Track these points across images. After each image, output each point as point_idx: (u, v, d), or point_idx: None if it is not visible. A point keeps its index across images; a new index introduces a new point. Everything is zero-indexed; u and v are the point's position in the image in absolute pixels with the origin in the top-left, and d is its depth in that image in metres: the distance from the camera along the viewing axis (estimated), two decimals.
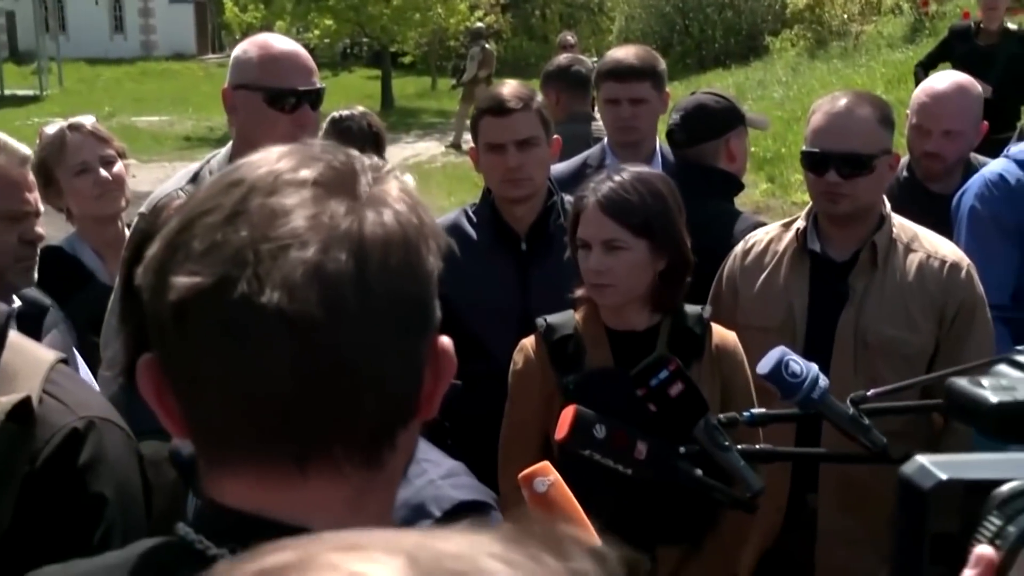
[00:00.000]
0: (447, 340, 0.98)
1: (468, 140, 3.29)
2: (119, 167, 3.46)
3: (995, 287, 3.16)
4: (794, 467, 2.91)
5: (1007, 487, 0.95)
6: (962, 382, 1.00)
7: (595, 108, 4.72)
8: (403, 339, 0.92)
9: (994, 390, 0.98)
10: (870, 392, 2.06)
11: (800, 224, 3.00)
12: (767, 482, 2.57)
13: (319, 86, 3.03)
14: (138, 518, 1.73)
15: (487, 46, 19.47)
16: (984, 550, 0.92)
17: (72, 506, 1.66)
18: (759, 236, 3.09)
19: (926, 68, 8.64)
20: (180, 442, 1.47)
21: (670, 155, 3.78)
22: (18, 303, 2.51)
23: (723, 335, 2.65)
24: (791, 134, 12.84)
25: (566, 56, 5.93)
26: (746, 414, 2.08)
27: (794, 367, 2.03)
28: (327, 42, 30.13)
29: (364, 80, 32.24)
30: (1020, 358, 1.04)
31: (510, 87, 3.17)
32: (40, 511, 1.63)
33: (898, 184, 3.75)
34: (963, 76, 3.92)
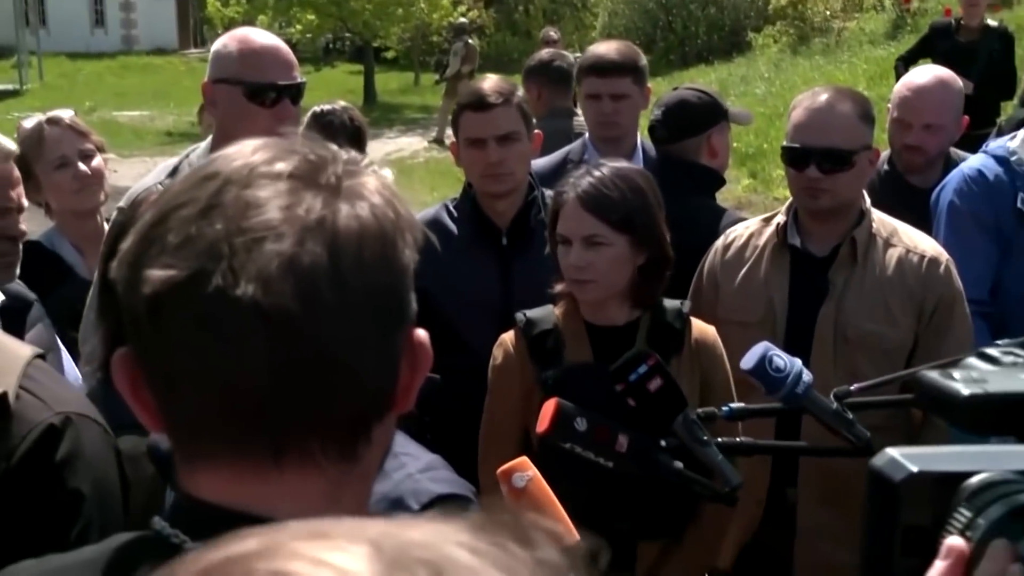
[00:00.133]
0: (423, 333, 0.98)
1: (451, 135, 3.29)
2: (98, 161, 3.44)
3: (973, 282, 3.17)
4: (774, 461, 2.92)
5: (976, 479, 0.95)
6: (933, 375, 1.01)
7: (576, 103, 4.71)
8: (379, 332, 0.92)
9: (965, 383, 0.98)
10: (853, 387, 2.06)
11: (780, 219, 3.00)
12: (746, 476, 2.57)
13: (300, 80, 3.02)
14: (116, 514, 1.72)
15: (470, 41, 19.44)
16: (955, 541, 0.93)
17: (49, 503, 1.65)
18: (739, 231, 3.10)
19: (907, 63, 8.66)
20: (158, 437, 1.47)
21: (652, 150, 3.78)
22: (1, 298, 2.50)
23: (703, 330, 2.66)
24: (773, 130, 12.84)
25: (548, 51, 5.91)
26: (724, 409, 2.09)
27: (778, 362, 2.04)
28: (309, 37, 30.00)
29: (347, 75, 32.14)
30: (990, 351, 1.05)
31: (491, 82, 3.16)
32: (17, 508, 1.62)
33: (879, 177, 3.76)
34: (944, 70, 3.93)
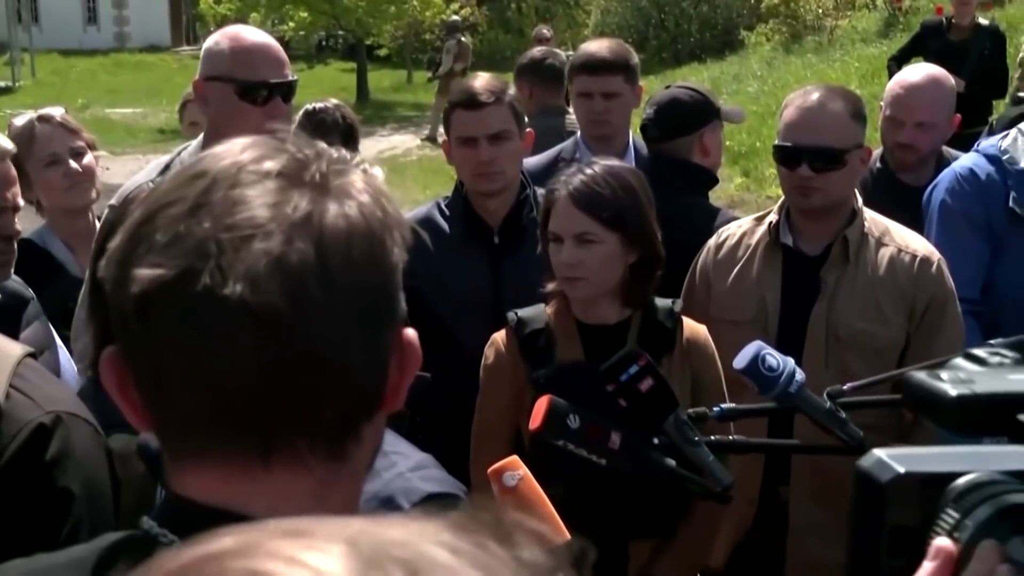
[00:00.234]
0: (412, 332, 0.98)
1: (444, 133, 3.29)
2: (89, 159, 3.44)
3: (965, 281, 3.18)
4: (766, 459, 2.92)
5: (963, 480, 0.95)
6: (921, 376, 1.01)
7: (569, 102, 4.71)
8: (367, 330, 0.92)
9: (953, 383, 0.98)
10: (846, 386, 2.06)
11: (772, 218, 3.00)
12: (739, 474, 2.57)
13: (291, 78, 3.02)
14: (106, 513, 1.72)
15: (463, 39, 19.42)
16: (943, 542, 0.92)
17: (39, 502, 1.65)
18: (732, 230, 3.10)
19: (899, 62, 8.67)
20: (148, 436, 1.47)
21: (644, 149, 3.78)
22: None
23: (694, 329, 2.66)
24: (766, 128, 12.85)
25: (540, 49, 5.91)
26: (715, 409, 2.08)
27: (771, 361, 2.03)
28: (302, 34, 29.98)
29: (339, 73, 32.11)
30: (977, 352, 1.05)
31: (482, 80, 3.16)
32: (6, 507, 1.62)
33: (871, 176, 3.77)
34: (937, 68, 3.93)
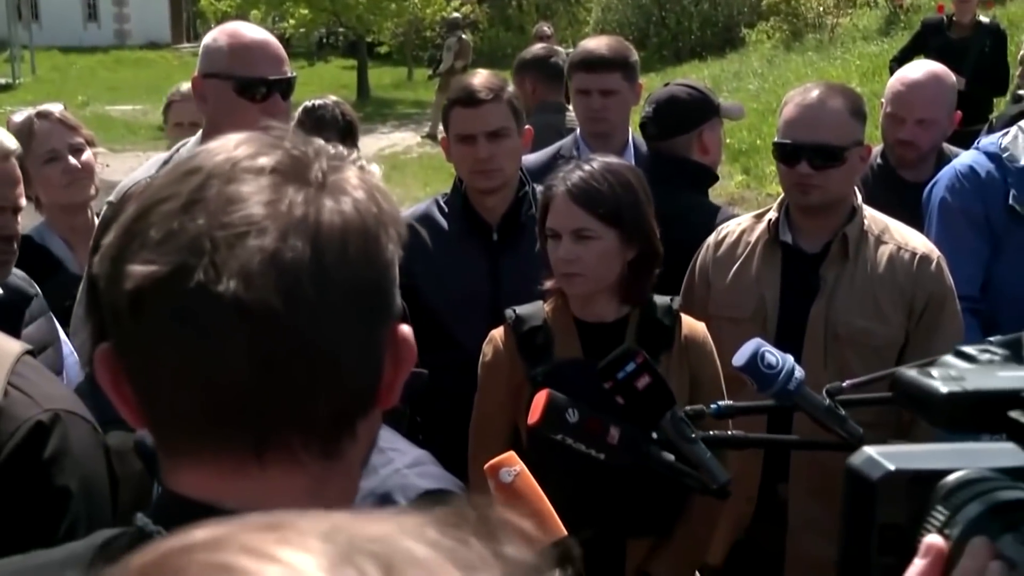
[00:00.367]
0: (407, 328, 0.98)
1: (443, 130, 3.28)
2: (88, 155, 3.44)
3: (964, 279, 3.17)
4: (765, 457, 2.92)
5: (953, 477, 0.95)
6: (912, 374, 1.00)
7: (569, 99, 4.70)
8: (362, 327, 0.92)
9: (944, 381, 0.97)
10: (846, 383, 2.06)
11: (772, 215, 3.00)
12: (738, 472, 2.57)
13: (290, 75, 3.01)
14: (103, 511, 1.72)
15: (464, 36, 19.41)
16: (934, 540, 0.92)
17: (37, 499, 1.65)
18: (731, 227, 3.10)
19: (901, 63, 8.63)
20: (145, 432, 1.47)
21: (643, 147, 3.77)
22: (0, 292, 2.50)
23: (692, 326, 2.65)
24: (766, 126, 12.85)
25: (542, 46, 5.91)
26: (713, 407, 2.08)
27: (770, 358, 2.03)
28: (303, 31, 29.96)
29: (340, 70, 32.11)
30: (967, 349, 1.04)
31: (481, 78, 3.15)
32: (4, 504, 1.62)
33: (872, 172, 3.76)
34: (938, 65, 3.92)
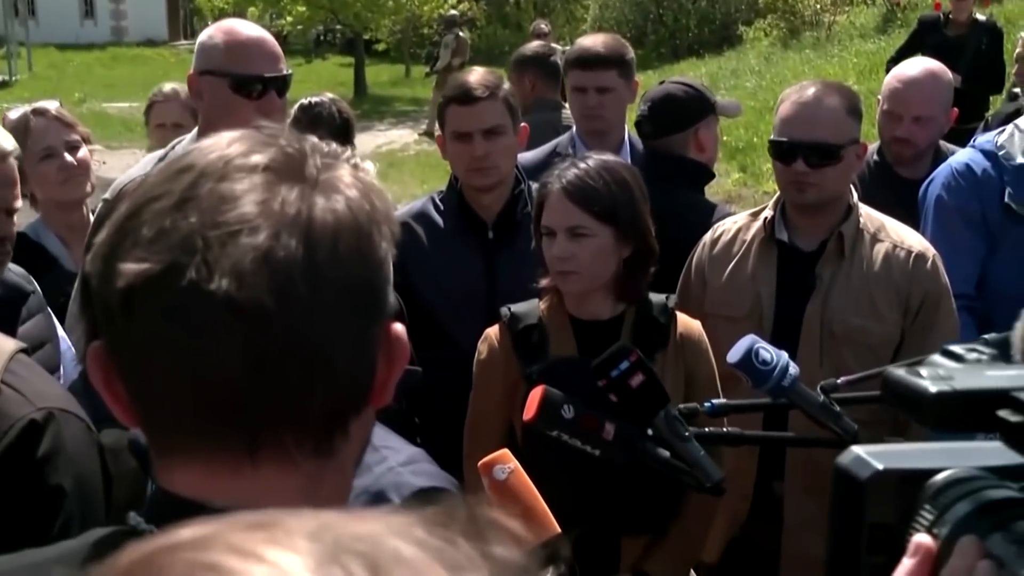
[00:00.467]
0: (400, 327, 0.98)
1: (439, 128, 3.27)
2: (84, 152, 3.43)
3: (960, 277, 3.18)
4: (761, 455, 2.92)
5: (942, 476, 0.95)
6: (900, 373, 1.00)
7: (565, 96, 4.70)
8: (355, 325, 0.92)
9: (933, 380, 0.97)
10: (840, 380, 2.06)
11: (768, 213, 3.00)
12: (733, 470, 2.57)
13: (286, 73, 3.00)
14: (97, 509, 1.71)
15: (461, 34, 19.40)
16: (922, 539, 0.92)
17: (30, 498, 1.65)
18: (727, 225, 3.10)
19: (898, 63, 8.65)
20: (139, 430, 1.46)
21: (639, 144, 3.77)
22: None
23: (688, 324, 2.65)
24: (763, 124, 12.85)
25: (540, 43, 5.91)
26: (707, 404, 2.08)
27: (764, 355, 2.04)
28: (300, 29, 29.96)
29: (337, 67, 32.10)
30: (954, 348, 1.04)
31: (477, 75, 3.14)
32: None
33: (868, 169, 3.77)
34: (934, 63, 3.92)
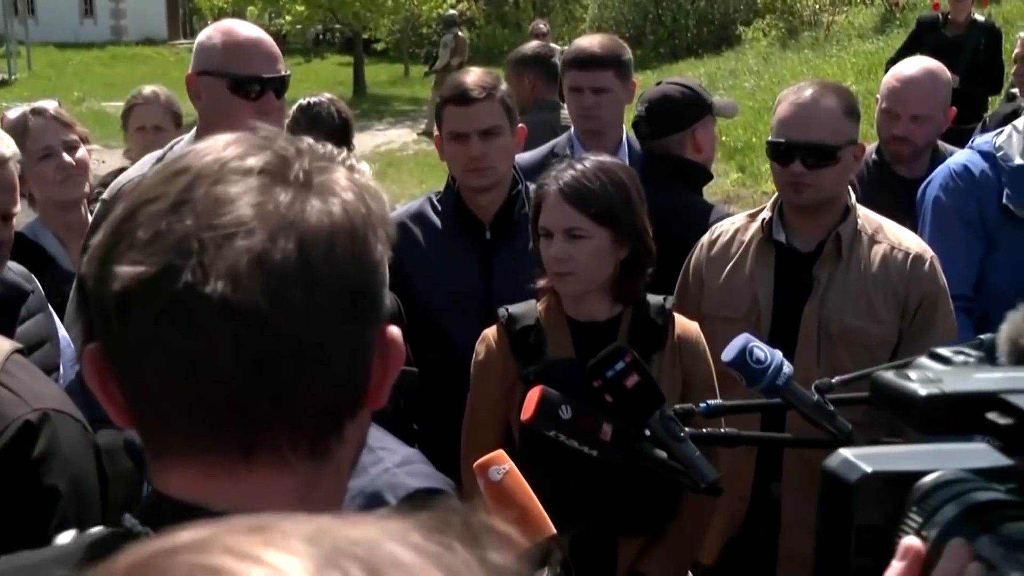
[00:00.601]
0: (396, 329, 0.98)
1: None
2: (82, 152, 3.44)
3: (958, 278, 3.18)
4: (758, 456, 2.92)
5: (929, 478, 0.95)
6: (889, 376, 1.00)
7: (563, 97, 4.70)
8: (350, 328, 0.92)
9: (922, 383, 0.97)
10: (834, 379, 2.06)
11: (766, 215, 3.00)
12: (731, 471, 2.57)
13: (284, 73, 3.00)
14: (92, 510, 1.71)
15: (460, 34, 19.41)
16: (911, 541, 0.92)
17: (26, 499, 1.64)
18: (725, 227, 3.10)
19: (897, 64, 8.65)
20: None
21: (638, 145, 3.77)
22: None
23: (685, 326, 2.65)
24: (762, 124, 12.85)
25: (539, 43, 5.92)
26: (702, 405, 2.08)
27: (758, 354, 2.04)
28: (299, 28, 29.98)
29: (336, 67, 32.10)
30: (942, 351, 1.04)
31: (474, 76, 3.13)
32: None
33: (867, 168, 3.77)
34: (933, 62, 3.92)
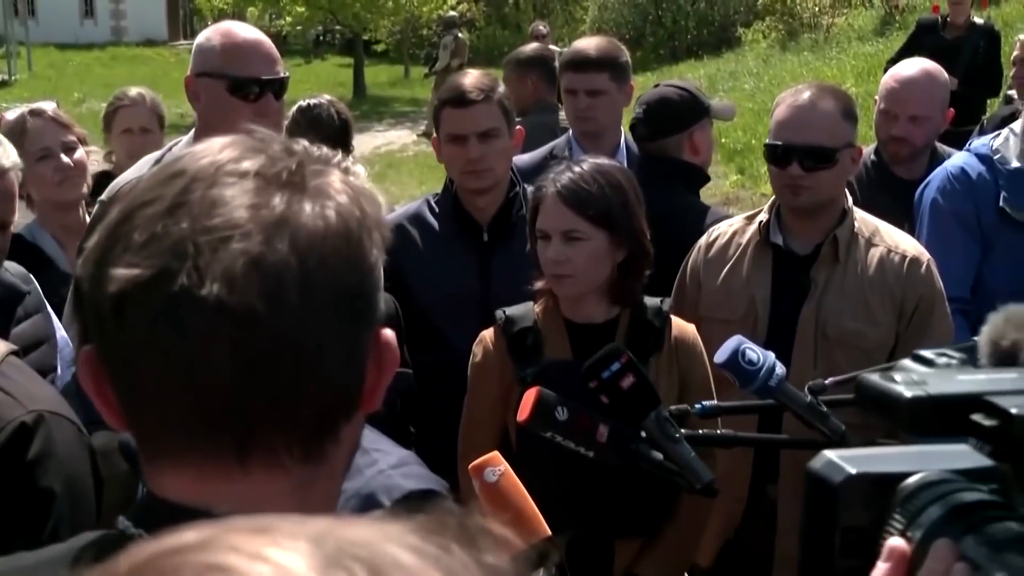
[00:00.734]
0: (390, 332, 0.98)
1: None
2: (80, 153, 3.44)
3: (955, 280, 3.19)
4: (755, 458, 2.92)
5: (913, 479, 0.95)
6: (874, 378, 1.01)
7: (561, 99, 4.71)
8: (345, 331, 0.92)
9: (907, 385, 0.98)
10: (828, 381, 2.07)
11: (763, 217, 3.00)
12: (727, 473, 2.57)
13: (283, 75, 3.00)
14: (88, 512, 1.71)
15: (460, 35, 19.42)
16: (896, 543, 0.93)
17: (21, 501, 1.64)
18: (723, 229, 3.10)
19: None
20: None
21: (636, 148, 3.77)
22: None
23: (682, 328, 2.65)
24: (761, 126, 12.86)
25: (538, 45, 5.93)
26: (697, 406, 2.09)
27: (751, 355, 2.05)
28: (300, 29, 29.98)
29: (336, 68, 32.12)
30: (925, 353, 1.05)
31: (472, 78, 3.13)
32: None
33: (866, 169, 3.78)
34: (931, 63, 3.93)
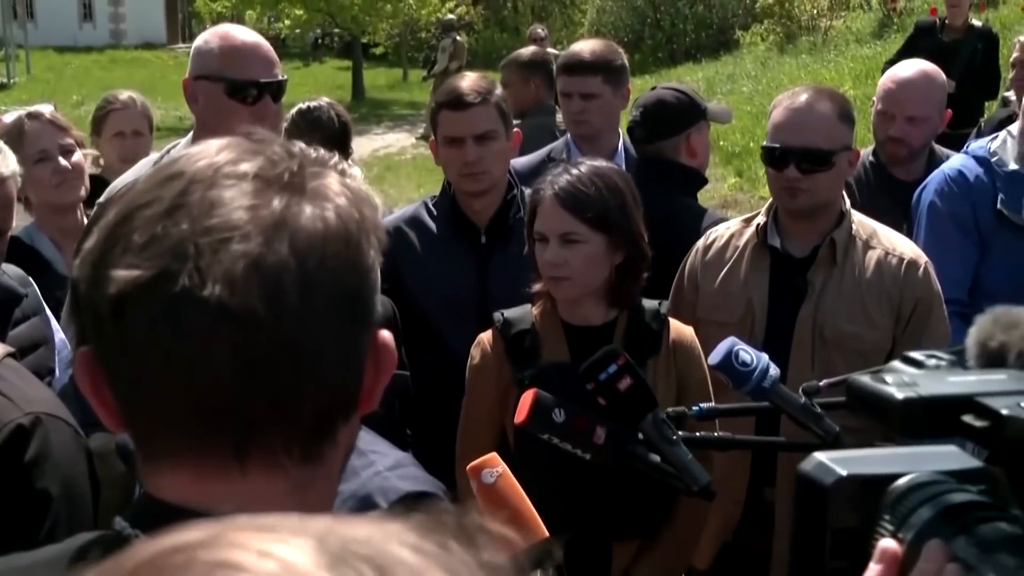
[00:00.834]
0: (388, 334, 0.99)
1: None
2: (78, 156, 3.45)
3: (952, 282, 3.19)
4: (752, 461, 2.92)
5: (903, 481, 0.95)
6: (865, 379, 1.01)
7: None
8: (343, 332, 0.93)
9: (899, 387, 0.98)
10: (822, 382, 2.07)
11: (760, 220, 3.01)
12: (725, 476, 2.58)
13: (281, 78, 3.01)
14: (84, 514, 1.71)
15: (458, 38, 19.44)
16: (888, 544, 0.93)
17: (18, 502, 1.64)
18: (720, 231, 3.10)
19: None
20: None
21: (634, 150, 3.78)
22: None
23: (680, 330, 2.65)
24: (759, 128, 12.87)
25: (536, 48, 5.95)
26: (695, 408, 2.09)
27: (744, 356, 2.05)
28: (298, 32, 29.98)
29: (335, 71, 32.12)
30: (915, 355, 1.05)
31: (469, 80, 3.13)
32: None
33: (864, 170, 3.78)
34: (928, 64, 3.94)
